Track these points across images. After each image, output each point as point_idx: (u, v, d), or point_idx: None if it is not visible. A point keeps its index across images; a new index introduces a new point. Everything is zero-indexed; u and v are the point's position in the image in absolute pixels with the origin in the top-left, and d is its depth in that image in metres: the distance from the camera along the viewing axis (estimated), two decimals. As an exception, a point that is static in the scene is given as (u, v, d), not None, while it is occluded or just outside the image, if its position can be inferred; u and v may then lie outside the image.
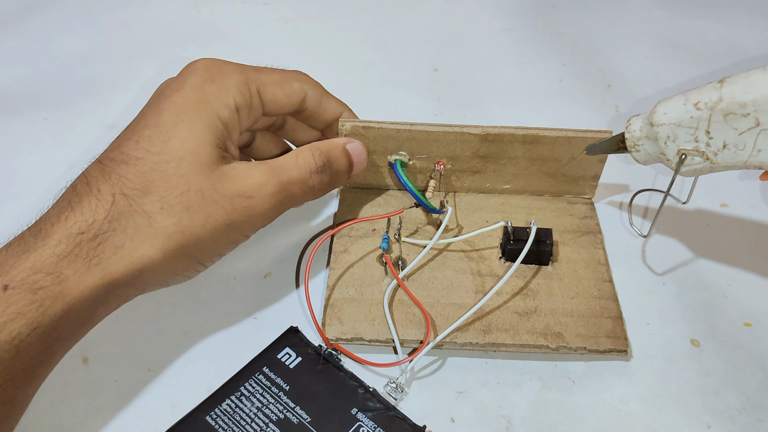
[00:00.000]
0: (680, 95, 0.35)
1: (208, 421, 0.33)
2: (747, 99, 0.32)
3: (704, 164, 0.35)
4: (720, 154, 0.34)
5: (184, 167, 0.32)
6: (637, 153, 0.38)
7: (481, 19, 0.65)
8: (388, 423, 0.33)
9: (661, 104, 0.36)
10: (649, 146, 0.37)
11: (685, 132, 0.35)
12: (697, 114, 0.34)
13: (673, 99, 0.35)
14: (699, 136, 0.34)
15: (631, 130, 0.38)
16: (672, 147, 0.35)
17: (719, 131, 0.34)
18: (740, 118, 0.33)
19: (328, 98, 0.40)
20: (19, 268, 0.29)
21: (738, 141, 0.33)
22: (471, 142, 0.41)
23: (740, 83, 0.32)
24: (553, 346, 0.36)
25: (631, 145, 0.38)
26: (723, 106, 0.33)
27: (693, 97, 0.34)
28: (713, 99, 0.33)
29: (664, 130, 0.35)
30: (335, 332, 0.37)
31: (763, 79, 0.32)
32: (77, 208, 0.31)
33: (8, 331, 0.28)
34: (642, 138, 0.37)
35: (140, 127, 0.33)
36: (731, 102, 0.32)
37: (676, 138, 0.35)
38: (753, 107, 0.32)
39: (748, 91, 0.32)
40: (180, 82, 0.35)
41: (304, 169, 0.36)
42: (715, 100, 0.33)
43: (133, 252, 0.31)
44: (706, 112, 0.33)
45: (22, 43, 0.61)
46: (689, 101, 0.34)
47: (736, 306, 0.40)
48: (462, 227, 0.43)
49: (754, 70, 0.32)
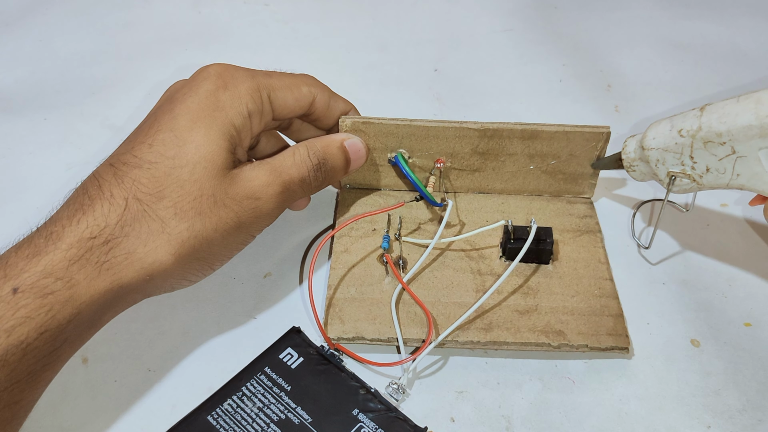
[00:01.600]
0: (667, 120, 0.37)
1: (209, 421, 0.33)
2: (722, 129, 0.34)
3: (692, 185, 0.37)
4: (704, 176, 0.36)
5: (198, 172, 0.33)
6: (633, 172, 0.40)
7: (482, 20, 0.65)
8: (389, 424, 0.33)
9: (651, 128, 0.38)
10: (642, 167, 0.40)
11: (672, 156, 0.37)
12: (681, 141, 0.36)
13: (661, 124, 0.37)
14: (684, 161, 0.36)
15: (627, 152, 0.40)
16: (662, 169, 0.38)
17: (701, 157, 0.36)
18: (718, 146, 0.35)
19: (336, 100, 0.40)
20: (30, 271, 0.29)
21: (719, 166, 0.35)
22: (470, 138, 0.42)
23: (717, 113, 0.34)
24: (554, 344, 0.36)
25: (627, 165, 0.40)
26: (702, 134, 0.35)
27: (677, 124, 0.36)
28: (694, 127, 0.35)
29: (654, 154, 0.38)
30: (336, 332, 0.37)
31: (735, 111, 0.34)
32: (89, 212, 0.31)
33: (17, 335, 0.28)
34: (636, 159, 0.39)
35: (153, 131, 0.33)
36: (709, 131, 0.34)
37: (665, 161, 0.37)
38: (728, 137, 0.34)
39: (723, 122, 0.34)
40: (193, 87, 0.35)
41: (302, 167, 0.37)
42: (696, 128, 0.35)
43: (146, 258, 0.31)
44: (689, 139, 0.36)
45: (23, 44, 0.61)
46: (674, 128, 0.36)
47: (736, 306, 0.40)
48: (462, 227, 0.43)
49: (729, 100, 0.34)
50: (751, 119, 0.33)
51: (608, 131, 0.41)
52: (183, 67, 0.57)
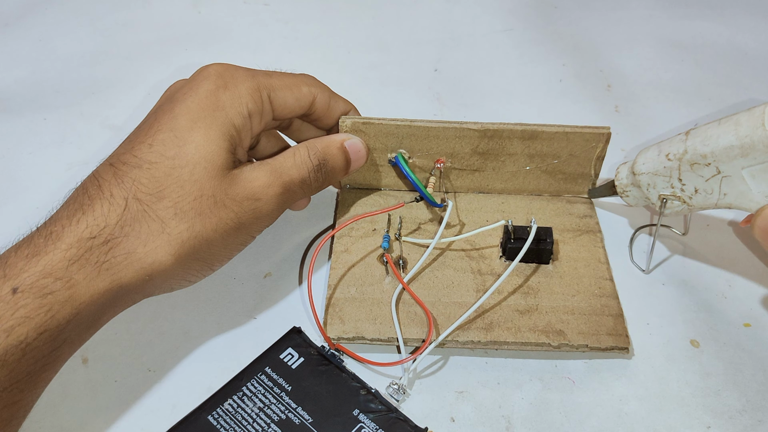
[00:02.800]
0: (655, 146, 0.39)
1: (209, 421, 0.33)
2: (706, 151, 0.35)
3: (683, 207, 0.39)
4: (694, 197, 0.38)
5: (198, 172, 0.33)
6: (626, 198, 0.42)
7: (482, 20, 0.65)
8: (389, 425, 0.33)
9: (640, 155, 0.40)
10: (635, 192, 0.41)
11: (661, 180, 0.38)
12: (669, 164, 0.38)
13: (649, 150, 0.39)
14: (674, 183, 0.38)
15: (620, 178, 0.42)
16: (653, 192, 0.39)
17: (689, 179, 0.37)
18: (704, 167, 0.36)
19: (336, 100, 0.40)
20: (29, 271, 0.29)
21: (706, 186, 0.37)
22: (470, 138, 0.42)
23: (700, 136, 0.36)
24: (554, 343, 0.36)
25: (620, 191, 0.42)
26: (688, 157, 0.36)
27: (664, 149, 0.38)
28: (680, 151, 0.37)
29: (645, 178, 0.39)
30: (337, 331, 0.37)
31: (717, 133, 0.35)
32: (89, 212, 0.31)
33: (16, 335, 0.28)
34: (629, 185, 0.41)
35: (153, 131, 0.33)
36: (694, 153, 0.36)
37: (655, 185, 0.39)
38: (712, 158, 0.35)
39: (707, 144, 0.35)
40: (193, 87, 0.35)
41: (302, 168, 0.37)
42: (682, 151, 0.37)
43: (145, 258, 0.31)
44: (676, 162, 0.37)
45: (22, 44, 0.61)
46: (662, 152, 0.38)
47: (736, 306, 0.40)
48: (462, 227, 0.43)
49: (711, 124, 0.36)
50: (731, 140, 0.34)
51: (608, 132, 0.41)
52: (183, 67, 0.57)
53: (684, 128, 0.53)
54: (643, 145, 0.51)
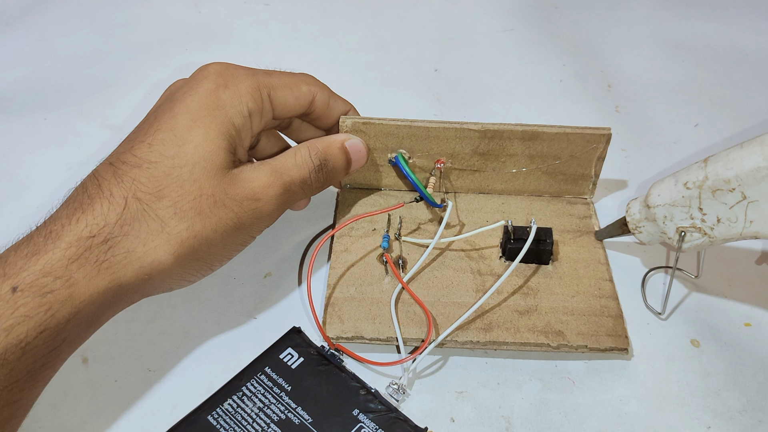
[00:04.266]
0: (670, 177, 0.37)
1: (209, 421, 0.33)
2: (730, 175, 0.34)
3: (703, 239, 0.36)
4: (716, 228, 0.36)
5: (198, 172, 0.33)
6: (640, 234, 0.39)
7: (482, 20, 0.65)
8: (389, 425, 0.33)
9: (654, 187, 0.38)
10: (649, 227, 0.39)
11: (680, 211, 0.36)
12: (687, 193, 0.35)
13: (664, 181, 0.37)
14: (693, 214, 0.36)
15: (631, 213, 0.39)
16: (670, 226, 0.37)
17: (711, 207, 0.35)
18: (727, 193, 0.34)
19: (335, 99, 0.40)
20: (29, 270, 0.29)
21: (730, 214, 0.35)
22: (470, 139, 0.42)
23: (722, 161, 0.34)
24: (554, 344, 0.36)
25: (633, 228, 0.39)
26: (710, 183, 0.34)
27: (682, 178, 0.36)
28: (700, 178, 0.35)
29: (661, 210, 0.37)
30: (336, 331, 0.37)
31: (741, 155, 0.33)
32: (88, 211, 0.31)
33: (16, 334, 0.28)
34: (642, 220, 0.39)
35: (153, 130, 0.33)
36: (716, 179, 0.34)
37: (672, 217, 0.37)
38: (737, 182, 0.33)
39: (730, 168, 0.34)
40: (193, 86, 0.35)
41: (303, 168, 0.37)
42: (702, 178, 0.35)
43: (145, 257, 0.31)
44: (696, 190, 0.35)
45: (22, 43, 0.61)
46: (679, 182, 0.36)
47: (736, 306, 0.40)
48: (462, 227, 0.43)
49: (733, 148, 0.34)
50: (758, 161, 0.32)
51: (609, 133, 0.41)
52: (183, 67, 0.57)
53: (685, 130, 0.53)
54: (642, 144, 0.51)
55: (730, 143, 0.51)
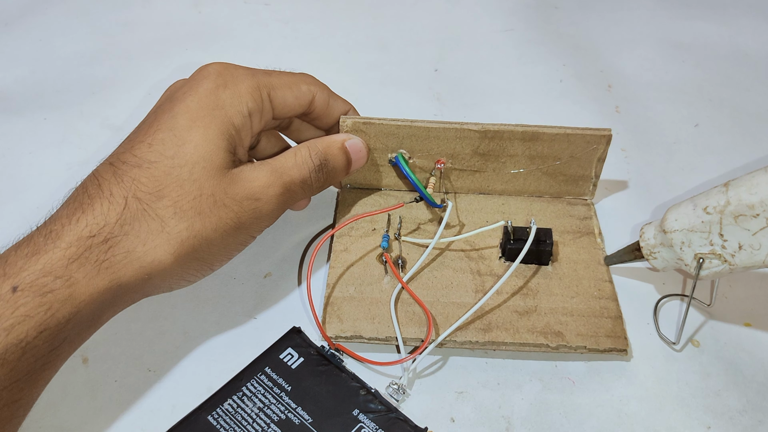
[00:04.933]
0: (688, 201, 0.36)
1: (209, 421, 0.33)
2: (754, 200, 0.32)
3: (723, 266, 0.35)
4: (737, 255, 0.34)
5: (197, 172, 0.33)
6: (654, 260, 0.38)
7: (482, 20, 0.65)
8: (389, 425, 0.33)
9: (671, 211, 0.36)
10: (665, 253, 0.37)
11: (698, 236, 0.35)
12: (707, 218, 0.34)
13: (681, 205, 0.36)
14: (713, 240, 0.34)
15: (645, 238, 0.38)
16: (688, 252, 0.36)
17: (732, 233, 0.34)
18: (751, 219, 0.33)
19: (335, 99, 0.40)
20: (29, 270, 0.29)
21: (753, 241, 0.33)
22: (471, 139, 0.42)
23: (745, 185, 0.33)
24: (552, 345, 0.36)
25: (647, 253, 0.38)
26: (732, 208, 0.33)
27: (701, 202, 0.35)
28: (721, 203, 0.33)
29: (678, 236, 0.35)
30: (335, 330, 0.37)
31: (766, 180, 0.32)
32: (88, 211, 0.31)
33: (16, 333, 0.28)
34: (657, 245, 0.37)
35: (153, 130, 0.33)
36: (739, 204, 0.33)
37: (690, 243, 0.35)
38: (761, 207, 0.32)
39: (754, 192, 0.32)
40: (193, 86, 0.35)
41: (303, 168, 0.37)
42: (723, 203, 0.33)
43: (145, 257, 0.31)
44: (716, 215, 0.34)
45: (22, 43, 0.61)
46: (698, 206, 0.35)
47: (736, 306, 0.40)
48: (462, 227, 0.43)
49: (757, 172, 0.33)
50: None
51: (609, 134, 0.41)
52: (183, 67, 0.57)
53: (685, 130, 0.53)
54: (642, 144, 0.51)
55: (730, 143, 0.52)
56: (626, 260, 0.40)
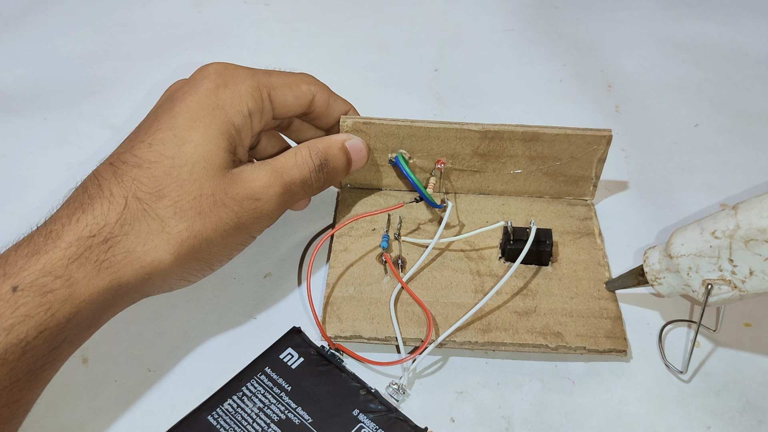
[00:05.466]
0: (695, 224, 0.34)
1: (209, 421, 0.33)
2: (766, 224, 0.31)
3: (733, 293, 0.33)
4: (748, 281, 0.33)
5: (198, 172, 0.33)
6: (659, 286, 0.36)
7: (482, 20, 0.65)
8: (389, 425, 0.33)
9: (676, 235, 0.35)
10: (671, 278, 0.36)
11: (707, 262, 0.33)
12: (716, 243, 0.32)
13: (687, 229, 0.34)
14: (722, 265, 0.33)
15: (650, 263, 0.36)
16: (696, 278, 0.34)
17: (743, 258, 0.32)
18: (762, 244, 0.31)
19: (335, 99, 0.40)
20: (29, 270, 0.29)
21: (765, 267, 0.32)
22: (471, 140, 0.42)
23: (755, 208, 0.31)
24: (552, 345, 0.36)
25: (652, 279, 0.36)
26: (742, 233, 0.32)
27: (708, 226, 0.33)
28: (730, 227, 0.32)
29: (685, 261, 0.34)
30: (334, 330, 0.37)
31: None
32: (89, 211, 0.31)
33: (16, 333, 0.28)
34: (663, 270, 0.36)
35: (153, 130, 0.33)
36: (749, 228, 0.31)
37: (698, 268, 0.34)
38: None
39: (765, 216, 0.31)
40: (193, 86, 0.35)
41: (304, 168, 0.37)
42: (732, 227, 0.32)
43: (145, 257, 0.31)
44: (725, 240, 0.32)
45: (22, 43, 0.61)
46: (705, 230, 0.33)
47: (736, 306, 0.40)
48: (462, 227, 0.43)
49: (767, 194, 0.32)
50: None
51: (610, 134, 0.41)
52: (183, 67, 0.57)
53: (685, 130, 0.53)
54: (642, 144, 0.51)
55: (730, 143, 0.52)
56: (629, 285, 0.38)
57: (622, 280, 0.38)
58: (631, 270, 0.38)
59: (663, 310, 0.40)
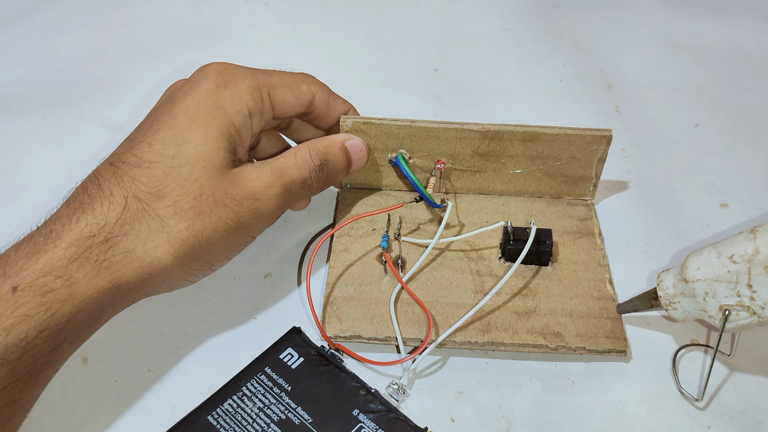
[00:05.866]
0: (711, 248, 0.33)
1: (209, 421, 0.33)
2: None
3: (751, 319, 0.32)
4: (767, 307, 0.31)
5: (198, 172, 0.33)
6: (674, 311, 0.35)
7: (482, 20, 0.65)
8: (389, 425, 0.33)
9: (692, 259, 0.33)
10: (686, 303, 0.34)
11: (724, 287, 0.32)
12: (734, 268, 0.31)
13: (703, 252, 0.33)
14: (741, 291, 0.31)
15: (664, 287, 0.35)
16: (713, 303, 0.33)
17: (763, 284, 0.31)
18: None
19: (335, 99, 0.40)
20: (29, 269, 0.29)
21: None
22: (471, 140, 0.42)
23: None
24: (552, 345, 0.36)
25: (666, 303, 0.35)
26: (761, 258, 0.30)
27: (726, 250, 0.32)
28: (749, 251, 0.31)
29: (701, 286, 0.33)
30: (334, 330, 0.37)
31: None
32: (89, 211, 0.31)
33: (16, 333, 0.28)
34: (677, 295, 0.34)
35: (153, 130, 0.33)
36: None
37: (715, 293, 0.32)
38: None
39: None
40: (193, 86, 0.35)
41: (304, 168, 0.37)
42: (752, 252, 0.31)
43: (145, 256, 0.31)
44: (744, 265, 0.31)
45: (22, 43, 0.61)
46: (722, 254, 0.32)
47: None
48: (462, 227, 0.43)
49: None
50: None
51: (610, 134, 0.41)
52: (183, 67, 0.57)
53: (685, 130, 0.53)
54: (642, 144, 0.51)
55: (730, 143, 0.52)
56: (642, 309, 0.37)
57: (634, 303, 0.37)
58: (644, 293, 0.37)
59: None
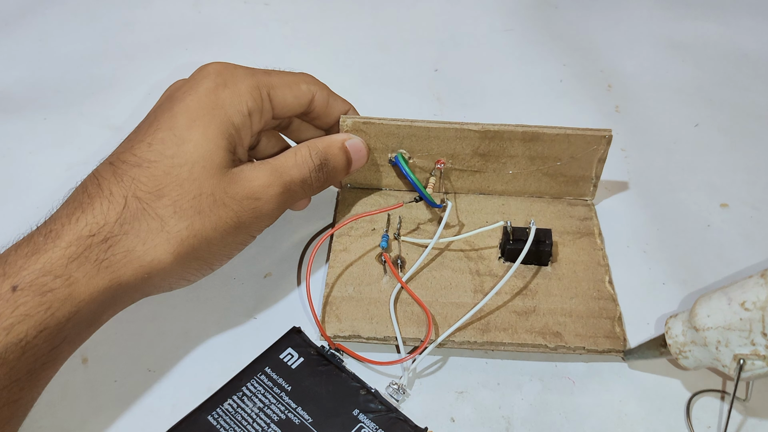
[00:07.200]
0: (720, 293, 0.31)
1: (209, 421, 0.33)
2: None
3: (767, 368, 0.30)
4: None
5: (197, 171, 0.33)
6: (685, 360, 0.33)
7: (482, 20, 0.65)
8: (389, 425, 0.33)
9: (701, 306, 0.32)
10: (698, 352, 0.32)
11: (737, 335, 0.30)
12: (746, 315, 0.30)
13: (713, 299, 0.32)
14: (755, 339, 0.30)
15: (673, 335, 0.33)
16: (726, 352, 0.31)
17: None
18: None
19: (335, 99, 0.40)
20: (29, 269, 0.29)
21: None
22: (471, 139, 0.42)
23: None
24: (551, 345, 0.36)
25: (676, 352, 0.33)
26: None
27: (737, 296, 0.30)
28: (762, 297, 0.29)
29: (713, 334, 0.31)
30: (333, 330, 0.37)
31: None
32: (88, 210, 0.31)
33: (16, 333, 0.28)
34: (688, 343, 0.33)
35: (153, 130, 0.33)
36: None
37: (728, 342, 0.31)
38: None
39: None
40: (192, 86, 0.35)
41: (303, 168, 0.37)
42: (764, 298, 0.29)
43: (144, 256, 0.31)
44: (757, 312, 0.29)
45: (22, 43, 0.61)
46: (733, 301, 0.30)
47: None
48: (462, 227, 0.43)
49: None
50: None
51: (610, 134, 0.41)
52: (183, 67, 0.57)
53: (685, 130, 0.53)
54: (642, 144, 0.51)
55: (730, 143, 0.52)
56: (651, 357, 0.35)
57: (643, 351, 0.36)
58: (653, 339, 0.35)
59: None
